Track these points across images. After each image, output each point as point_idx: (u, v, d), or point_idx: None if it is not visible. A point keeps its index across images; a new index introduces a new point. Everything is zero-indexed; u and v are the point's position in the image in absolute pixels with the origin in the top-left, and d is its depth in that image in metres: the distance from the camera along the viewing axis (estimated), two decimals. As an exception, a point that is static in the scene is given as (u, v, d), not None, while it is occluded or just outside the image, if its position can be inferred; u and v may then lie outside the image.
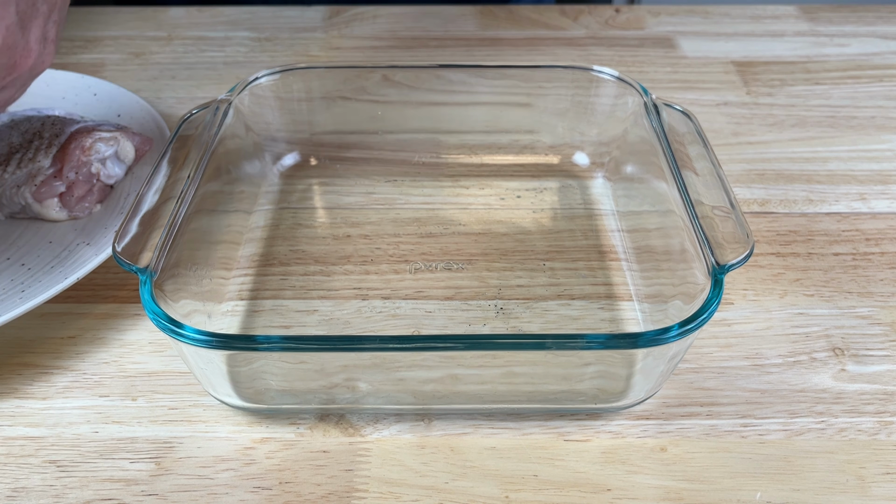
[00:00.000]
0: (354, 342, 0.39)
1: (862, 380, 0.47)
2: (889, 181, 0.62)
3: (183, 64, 0.79)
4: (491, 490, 0.41)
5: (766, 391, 0.46)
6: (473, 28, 0.86)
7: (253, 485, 0.41)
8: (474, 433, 0.44)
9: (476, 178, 0.62)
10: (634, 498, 0.41)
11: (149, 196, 0.45)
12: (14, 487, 0.41)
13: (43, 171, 0.54)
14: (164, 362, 0.48)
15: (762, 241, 0.57)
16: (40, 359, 0.48)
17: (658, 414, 0.45)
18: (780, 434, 0.44)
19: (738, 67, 0.78)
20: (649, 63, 0.79)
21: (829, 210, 0.60)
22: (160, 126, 0.62)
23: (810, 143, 0.67)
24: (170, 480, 0.41)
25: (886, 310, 0.51)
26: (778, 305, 0.52)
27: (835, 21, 0.86)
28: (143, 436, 0.44)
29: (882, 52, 0.81)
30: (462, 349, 0.40)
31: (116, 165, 0.57)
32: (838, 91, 0.74)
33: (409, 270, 0.54)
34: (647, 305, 0.50)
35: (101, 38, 0.84)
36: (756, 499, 0.41)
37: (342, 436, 0.44)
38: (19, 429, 0.44)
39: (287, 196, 0.60)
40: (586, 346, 0.39)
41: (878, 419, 0.44)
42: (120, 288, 0.53)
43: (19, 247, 0.53)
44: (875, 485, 0.41)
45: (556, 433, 0.44)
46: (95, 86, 0.67)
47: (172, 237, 0.44)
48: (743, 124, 0.70)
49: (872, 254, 0.56)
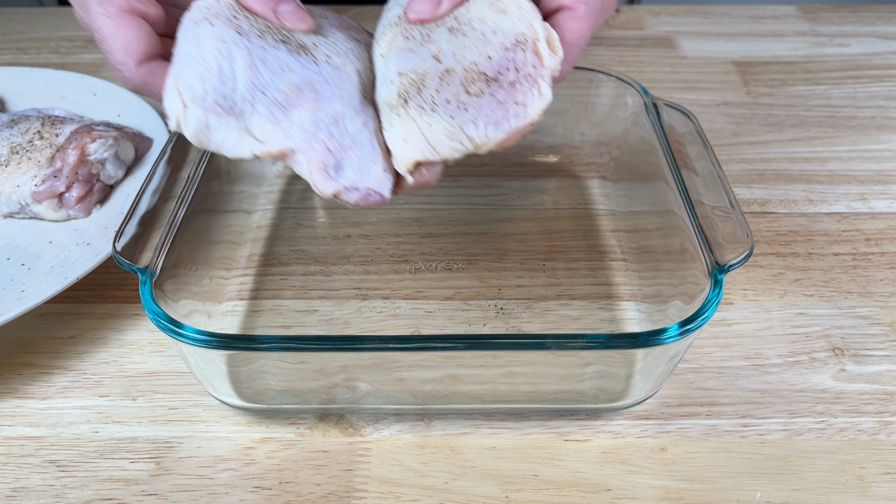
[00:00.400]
0: (354, 342, 0.39)
1: (862, 380, 0.47)
2: (889, 181, 0.62)
3: (183, 64, 0.79)
4: (491, 490, 0.41)
5: (766, 391, 0.46)
6: (473, 28, 0.86)
7: (253, 485, 0.41)
8: (474, 433, 0.44)
9: (476, 177, 0.62)
10: (634, 498, 0.41)
11: (148, 196, 0.45)
12: (14, 487, 0.41)
13: (42, 171, 0.54)
14: (164, 362, 0.48)
15: (762, 241, 0.57)
16: (40, 359, 0.48)
17: (658, 414, 0.45)
18: (780, 434, 0.44)
19: (738, 67, 0.78)
20: (649, 63, 0.79)
21: (829, 210, 0.60)
22: (160, 126, 0.62)
23: (810, 143, 0.67)
24: (170, 480, 0.41)
25: (886, 310, 0.51)
26: (778, 305, 0.52)
27: (835, 21, 0.86)
28: (143, 436, 0.44)
29: (882, 52, 0.81)
30: (462, 349, 0.40)
31: (116, 166, 0.57)
32: (838, 91, 0.74)
33: (409, 270, 0.54)
34: (646, 305, 0.50)
35: (101, 38, 0.84)
36: (756, 499, 0.41)
37: (342, 436, 0.44)
38: (19, 429, 0.44)
39: (287, 196, 0.60)
40: (586, 346, 0.39)
41: (878, 419, 0.44)
42: (120, 288, 0.53)
43: (19, 247, 0.53)
44: (875, 485, 0.41)
45: (556, 433, 0.44)
46: (95, 86, 0.67)
47: (172, 237, 0.44)
48: (743, 124, 0.70)
49: (872, 254, 0.56)
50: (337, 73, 0.40)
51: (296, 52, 0.39)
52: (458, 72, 0.39)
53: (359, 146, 0.39)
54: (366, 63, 0.42)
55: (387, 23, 0.43)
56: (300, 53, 0.39)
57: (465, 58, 0.39)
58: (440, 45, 0.39)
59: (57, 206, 0.54)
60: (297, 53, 0.39)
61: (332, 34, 0.42)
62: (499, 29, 0.40)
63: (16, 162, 0.55)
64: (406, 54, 0.40)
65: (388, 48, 0.41)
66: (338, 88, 0.39)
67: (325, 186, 0.39)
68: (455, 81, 0.39)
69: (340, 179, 0.39)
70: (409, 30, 0.41)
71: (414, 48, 0.40)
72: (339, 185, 0.39)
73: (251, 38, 0.38)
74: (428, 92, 0.39)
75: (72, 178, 0.54)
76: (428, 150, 0.39)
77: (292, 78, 0.38)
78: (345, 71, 0.40)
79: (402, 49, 0.40)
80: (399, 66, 0.40)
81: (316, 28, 0.41)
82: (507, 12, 0.40)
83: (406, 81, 0.39)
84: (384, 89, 0.40)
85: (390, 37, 0.41)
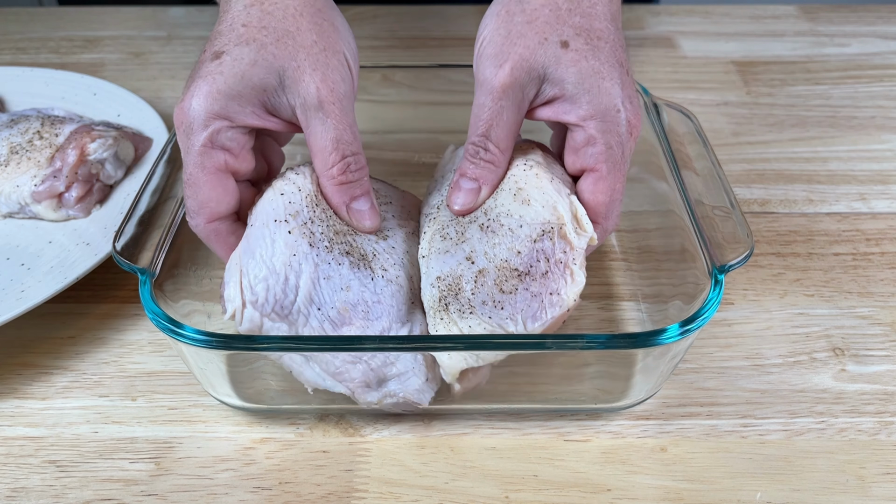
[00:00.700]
0: (354, 342, 0.39)
1: (862, 380, 0.47)
2: (889, 181, 0.62)
3: (183, 64, 0.79)
4: (491, 490, 0.41)
5: (766, 391, 0.46)
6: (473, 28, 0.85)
7: (253, 485, 0.41)
8: (474, 433, 0.44)
9: (476, 178, 0.62)
10: (634, 498, 0.41)
11: (148, 196, 0.45)
12: (14, 487, 0.41)
13: (42, 170, 0.54)
14: (164, 362, 0.48)
15: (762, 241, 0.57)
16: (40, 359, 0.48)
17: (658, 414, 0.45)
18: (780, 434, 0.44)
19: (738, 67, 0.78)
20: (649, 63, 0.79)
21: (829, 210, 0.60)
22: (160, 126, 0.62)
23: (810, 143, 0.67)
24: (170, 480, 0.41)
25: (886, 310, 0.51)
26: (778, 305, 0.51)
27: (835, 21, 0.86)
28: (142, 436, 0.44)
29: (882, 52, 0.81)
30: (462, 349, 0.40)
31: (116, 166, 0.57)
32: (838, 91, 0.74)
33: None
34: (647, 305, 0.50)
35: (101, 38, 0.84)
36: (756, 499, 0.41)
37: (342, 436, 0.44)
38: (19, 429, 0.44)
39: (287, 196, 0.60)
40: (586, 346, 0.38)
41: (878, 419, 0.44)
42: (120, 288, 0.53)
43: (19, 247, 0.53)
44: (875, 485, 0.41)
45: (556, 433, 0.44)
46: (95, 86, 0.67)
47: (172, 237, 0.44)
48: (743, 124, 0.70)
49: (872, 254, 0.56)
50: (389, 287, 0.41)
51: (356, 266, 0.41)
52: (490, 271, 0.40)
53: (401, 360, 0.40)
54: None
55: (427, 212, 0.45)
56: (359, 268, 0.41)
57: (497, 256, 0.40)
58: (473, 245, 0.41)
59: (56, 206, 0.54)
60: (356, 268, 0.41)
61: (393, 233, 0.44)
62: (524, 221, 0.41)
63: (15, 162, 0.55)
64: (443, 257, 0.42)
65: (428, 249, 0.43)
66: (387, 304, 0.41)
67: (366, 397, 0.40)
68: (489, 282, 0.40)
69: (382, 389, 0.40)
70: (445, 228, 0.43)
71: (450, 249, 0.42)
72: (380, 394, 0.40)
73: (320, 250, 0.40)
74: (465, 295, 0.40)
75: (71, 177, 0.54)
76: (471, 358, 0.40)
77: (349, 297, 0.40)
78: (397, 283, 0.42)
79: (440, 251, 0.42)
80: (438, 269, 0.41)
81: (378, 227, 0.43)
82: (530, 202, 0.41)
83: (444, 286, 0.41)
84: (427, 293, 0.41)
85: (429, 236, 0.43)
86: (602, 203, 0.42)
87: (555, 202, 0.41)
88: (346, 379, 0.40)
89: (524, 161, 0.43)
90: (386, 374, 0.40)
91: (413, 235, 0.46)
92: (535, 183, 0.42)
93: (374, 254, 0.42)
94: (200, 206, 0.41)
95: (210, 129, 0.40)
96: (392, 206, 0.47)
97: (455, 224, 0.43)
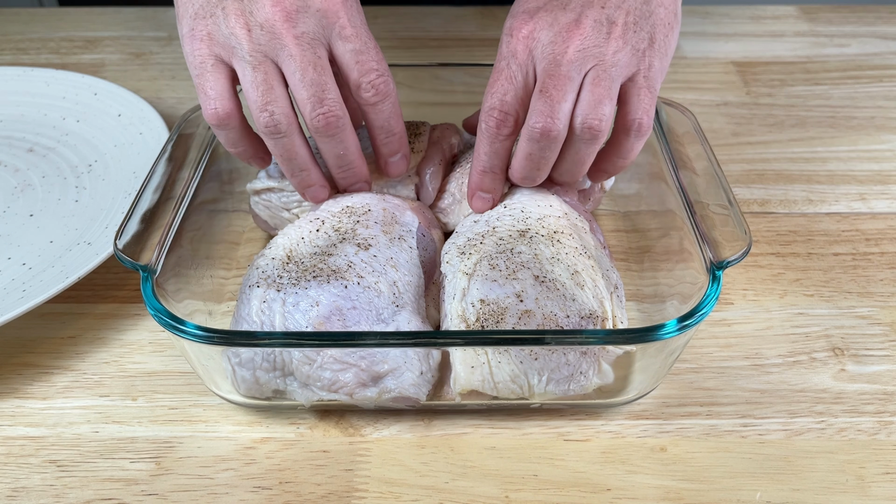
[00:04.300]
0: (355, 338, 0.39)
1: (862, 380, 0.47)
2: (889, 181, 0.62)
3: (183, 64, 0.79)
4: (491, 490, 0.41)
5: (766, 391, 0.46)
6: (473, 28, 0.86)
7: (253, 484, 0.41)
8: (474, 433, 0.44)
9: (476, 178, 0.62)
10: (634, 498, 0.41)
11: (149, 194, 0.45)
12: (14, 487, 0.41)
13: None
14: (165, 362, 0.48)
15: (762, 241, 0.57)
16: (40, 359, 0.48)
17: (658, 414, 0.45)
18: (780, 434, 0.44)
19: (738, 67, 0.78)
20: (649, 63, 0.79)
21: (829, 210, 0.60)
22: (160, 126, 0.62)
23: (810, 143, 0.67)
24: (170, 480, 0.41)
25: (886, 310, 0.51)
26: (778, 305, 0.52)
27: (835, 21, 0.86)
28: (143, 436, 0.44)
29: (882, 52, 0.81)
30: (462, 345, 0.40)
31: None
32: (838, 91, 0.74)
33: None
34: (646, 304, 0.50)
35: (101, 38, 0.84)
36: (756, 499, 0.41)
37: (342, 435, 0.44)
38: (19, 429, 0.44)
39: (287, 196, 0.60)
40: (585, 341, 0.39)
41: (878, 419, 0.44)
42: (120, 288, 0.53)
43: (20, 246, 0.53)
44: (875, 485, 0.41)
45: (555, 433, 0.44)
46: (95, 86, 0.67)
47: (173, 236, 0.44)
48: (743, 124, 0.70)
49: (872, 254, 0.56)
50: (366, 293, 0.43)
51: (325, 281, 0.42)
52: (537, 316, 0.41)
53: (391, 358, 0.41)
54: (412, 265, 0.46)
55: (467, 229, 0.48)
56: (328, 282, 0.42)
57: (546, 307, 0.41)
58: (525, 287, 0.42)
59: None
60: (325, 283, 0.42)
61: (375, 241, 0.46)
62: (577, 298, 0.42)
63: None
64: (491, 284, 0.42)
65: (474, 269, 0.44)
66: (364, 309, 0.42)
67: (365, 394, 0.41)
68: (532, 325, 0.41)
69: (379, 385, 0.41)
70: (494, 259, 0.44)
71: (499, 279, 0.43)
72: (378, 390, 0.41)
73: (287, 288, 0.42)
74: (506, 327, 0.41)
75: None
76: (489, 386, 0.41)
77: (320, 311, 0.41)
78: (375, 289, 0.43)
79: (488, 277, 0.43)
80: (484, 293, 0.42)
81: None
82: (584, 287, 0.43)
83: (487, 311, 0.41)
84: (461, 306, 0.42)
85: (476, 259, 0.44)
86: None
87: (603, 298, 0.43)
88: (340, 387, 0.41)
89: (576, 239, 0.46)
90: (378, 371, 0.41)
91: (398, 240, 0.47)
92: (591, 275, 0.44)
93: (350, 265, 0.44)
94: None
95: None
96: (371, 213, 0.48)
97: (504, 258, 0.44)
